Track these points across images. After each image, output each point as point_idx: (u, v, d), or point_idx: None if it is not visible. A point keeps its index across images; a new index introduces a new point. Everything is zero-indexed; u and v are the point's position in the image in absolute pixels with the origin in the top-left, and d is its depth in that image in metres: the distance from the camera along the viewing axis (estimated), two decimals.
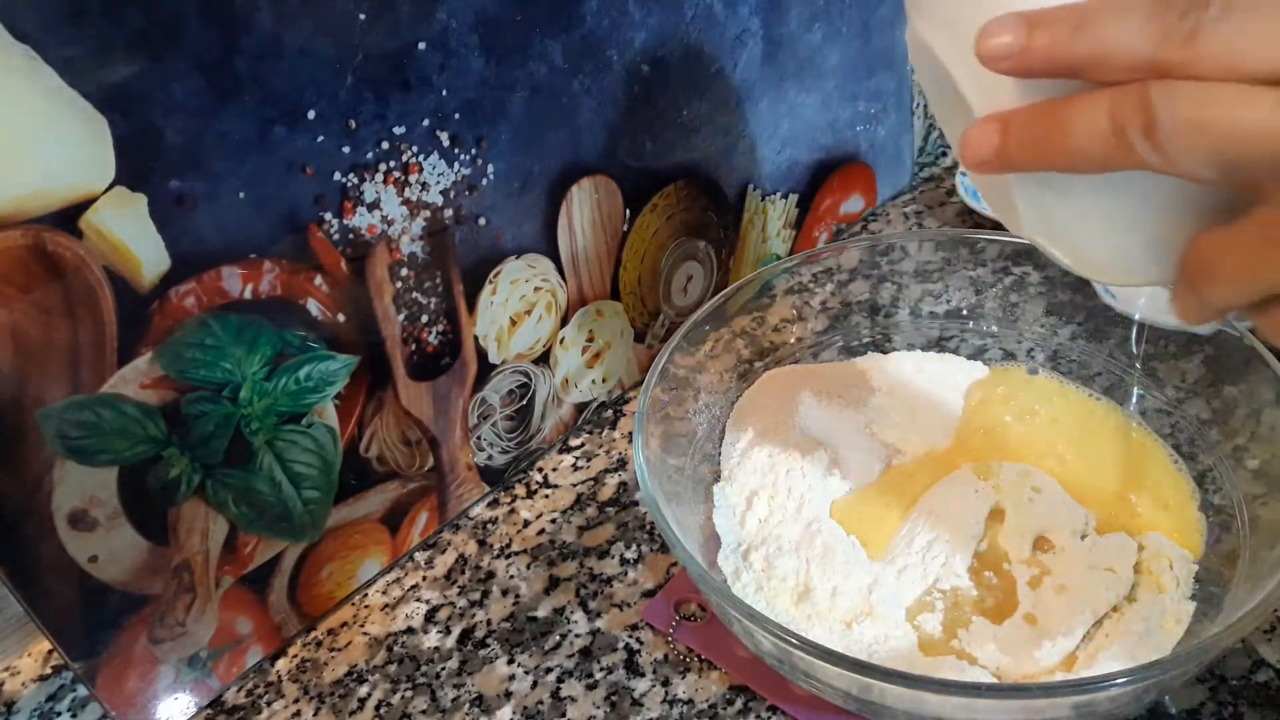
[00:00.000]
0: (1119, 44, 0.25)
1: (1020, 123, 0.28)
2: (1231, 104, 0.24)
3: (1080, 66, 0.26)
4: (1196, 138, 0.25)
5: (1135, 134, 0.25)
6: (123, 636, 0.46)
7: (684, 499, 0.50)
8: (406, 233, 0.49)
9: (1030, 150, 0.28)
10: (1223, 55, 0.24)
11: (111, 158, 0.39)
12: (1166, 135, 0.25)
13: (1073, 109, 0.27)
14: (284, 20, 0.41)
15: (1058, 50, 0.26)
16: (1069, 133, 0.27)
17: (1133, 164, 0.26)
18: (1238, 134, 0.24)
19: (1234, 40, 0.24)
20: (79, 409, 0.41)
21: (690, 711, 0.47)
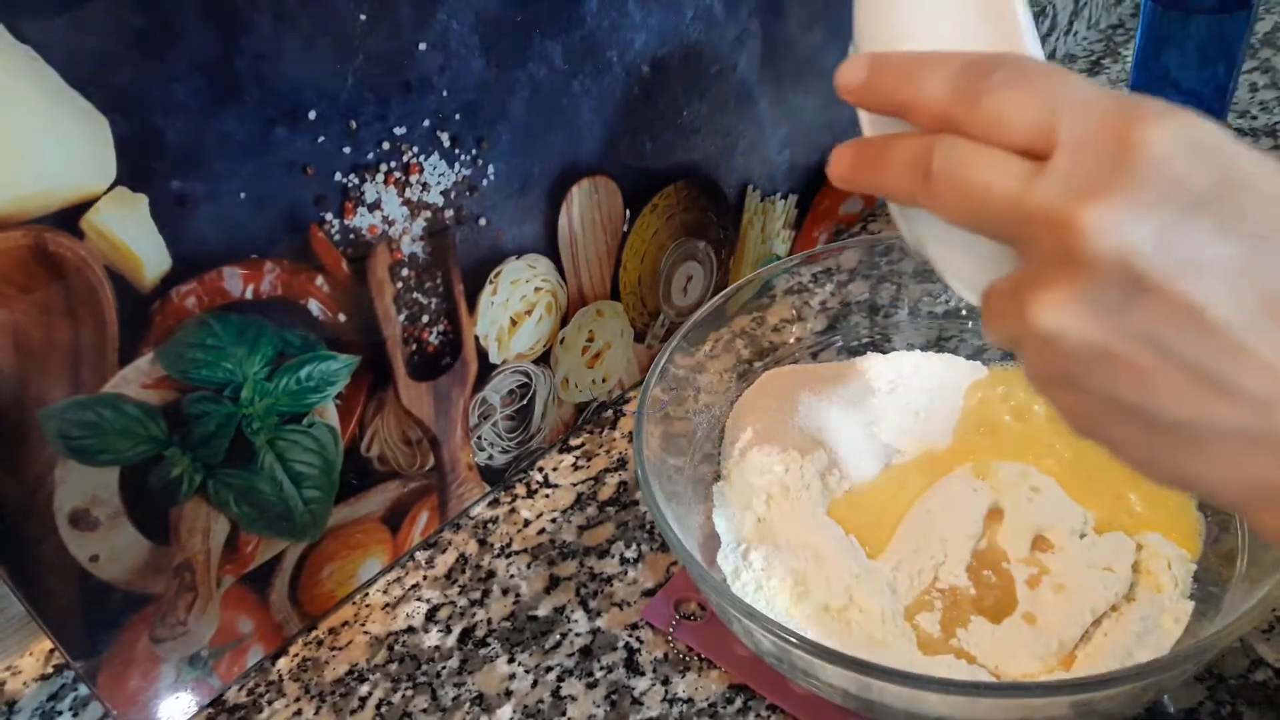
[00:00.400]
0: (927, 95, 0.29)
1: (859, 150, 0.32)
2: (984, 165, 0.28)
3: (900, 109, 0.30)
4: (954, 189, 0.28)
5: (919, 175, 0.29)
6: (124, 636, 0.46)
7: (684, 499, 0.51)
8: (407, 233, 0.49)
9: (863, 175, 0.32)
10: (992, 119, 0.28)
11: (112, 158, 0.39)
12: (934, 182, 0.29)
13: (892, 144, 0.31)
14: (284, 21, 0.41)
15: (885, 92, 0.30)
16: (884, 163, 0.31)
17: (917, 202, 0.30)
18: (978, 193, 0.28)
19: (1004, 107, 0.27)
20: (80, 409, 0.41)
21: (690, 710, 0.47)
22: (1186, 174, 0.25)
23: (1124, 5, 1.05)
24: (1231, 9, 0.71)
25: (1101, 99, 0.27)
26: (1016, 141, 0.27)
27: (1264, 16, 0.99)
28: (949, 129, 0.29)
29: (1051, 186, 0.26)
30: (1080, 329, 0.26)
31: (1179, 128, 0.26)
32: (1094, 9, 1.00)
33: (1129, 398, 0.27)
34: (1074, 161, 0.26)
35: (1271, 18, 0.99)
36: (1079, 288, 0.26)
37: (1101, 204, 0.25)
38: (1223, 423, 0.26)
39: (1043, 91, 0.27)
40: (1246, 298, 0.25)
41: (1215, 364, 0.25)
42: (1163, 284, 0.25)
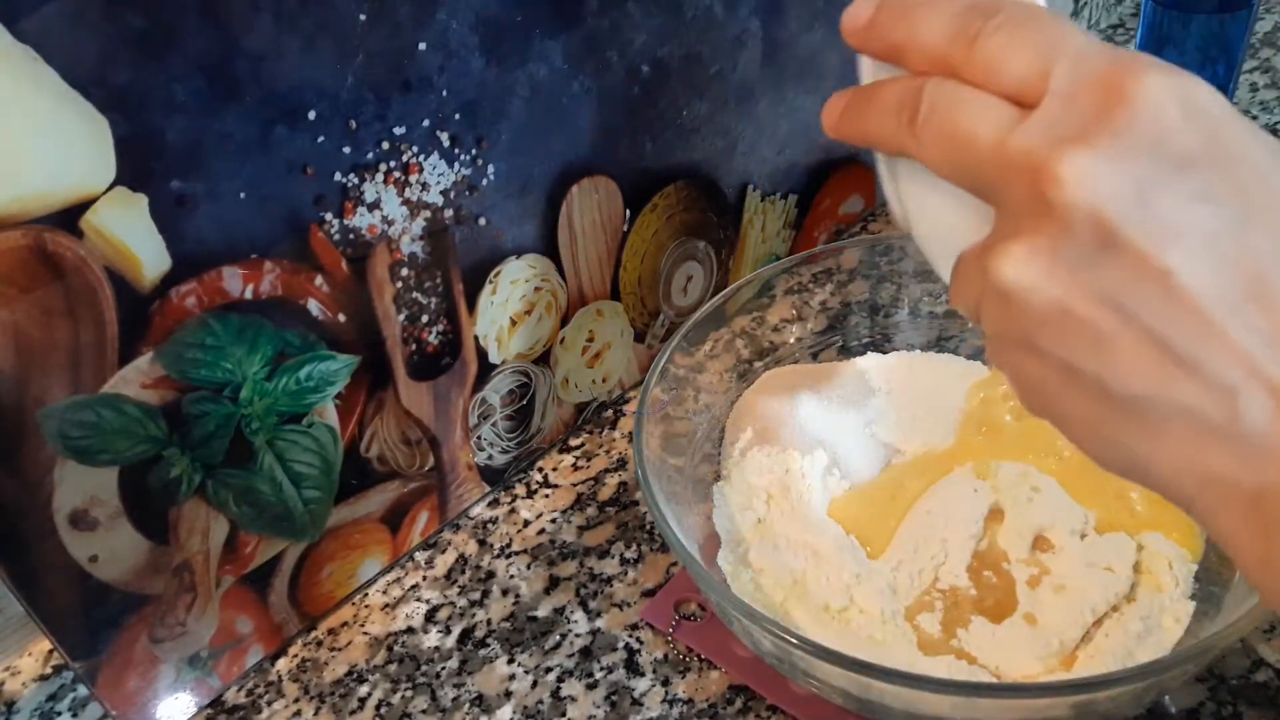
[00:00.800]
0: (924, 35, 0.28)
1: (852, 97, 0.31)
2: (972, 110, 0.26)
3: (897, 50, 0.29)
4: (939, 134, 0.27)
5: (905, 120, 0.28)
6: (123, 636, 0.46)
7: (684, 499, 0.51)
8: (407, 233, 0.49)
9: (851, 122, 0.31)
10: (989, 63, 0.26)
11: (112, 158, 0.39)
12: (921, 126, 0.27)
13: (881, 89, 0.29)
14: (284, 20, 0.41)
15: (884, 31, 0.29)
16: (872, 109, 0.29)
17: (903, 147, 0.29)
18: (963, 138, 0.26)
19: (1000, 52, 0.26)
20: (80, 409, 0.41)
21: (690, 711, 0.47)
22: (1176, 131, 0.24)
23: (1124, 5, 1.05)
24: (1232, 9, 0.71)
25: (1100, 50, 0.25)
26: (1009, 88, 0.26)
27: (1264, 16, 0.99)
28: (943, 73, 0.27)
29: (1034, 132, 0.25)
30: (1042, 284, 0.25)
31: (1174, 84, 0.24)
32: (1094, 9, 1.00)
33: (1086, 365, 0.25)
34: (1061, 109, 0.25)
35: (1271, 18, 0.99)
36: (1046, 239, 0.25)
37: (1081, 151, 0.24)
38: (1182, 402, 0.24)
39: (1041, 39, 0.26)
40: (1223, 271, 0.23)
41: (1181, 337, 0.24)
42: (1135, 243, 0.24)
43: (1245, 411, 0.24)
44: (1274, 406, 0.23)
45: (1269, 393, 0.23)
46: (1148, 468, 0.26)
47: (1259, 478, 0.24)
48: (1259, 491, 0.24)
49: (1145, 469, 0.26)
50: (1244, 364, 0.23)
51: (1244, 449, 0.24)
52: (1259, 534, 0.24)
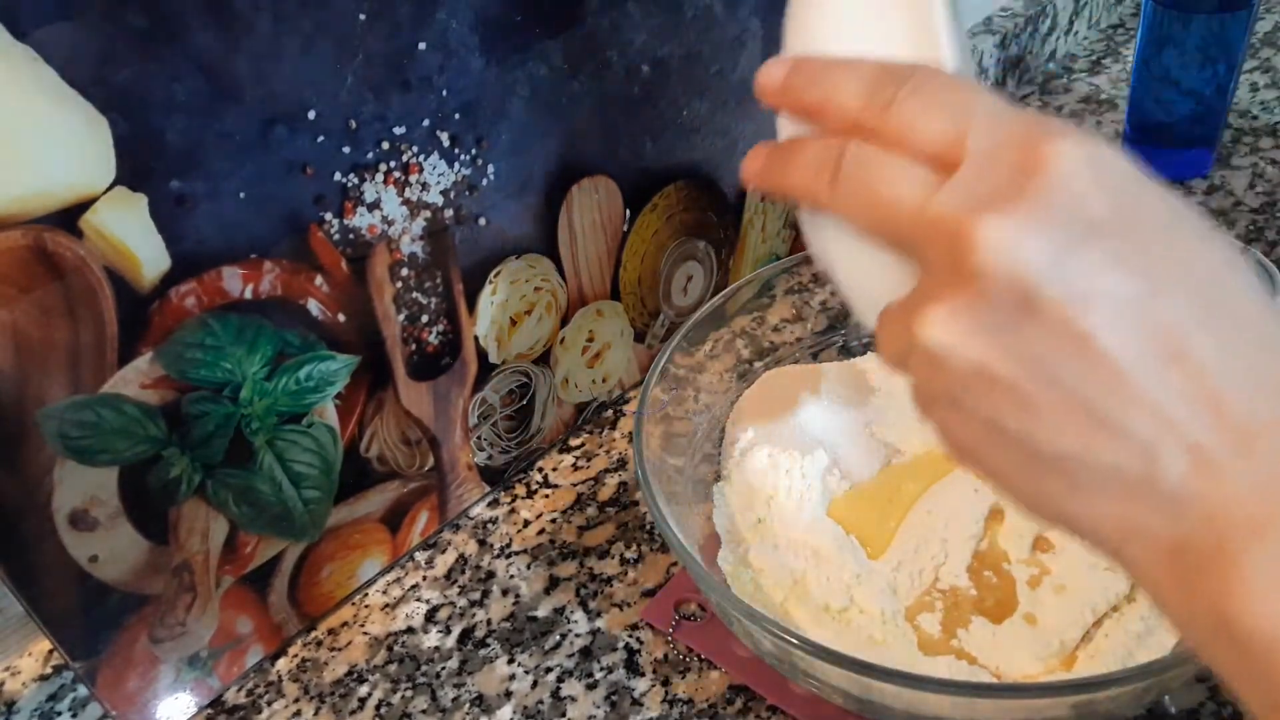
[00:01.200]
0: (838, 99, 0.29)
1: (771, 152, 0.32)
2: (890, 172, 0.27)
3: (813, 111, 0.30)
4: (859, 194, 0.28)
5: (825, 180, 0.29)
6: (123, 636, 0.46)
7: (684, 499, 0.51)
8: (407, 233, 0.49)
9: (772, 177, 0.32)
10: (903, 127, 0.27)
11: (112, 158, 0.39)
12: (840, 188, 0.28)
13: (801, 147, 0.30)
14: (284, 21, 0.41)
15: (799, 93, 0.30)
16: (793, 166, 0.30)
17: (823, 205, 0.30)
18: (882, 200, 0.27)
19: (915, 117, 0.27)
20: (79, 409, 0.41)
21: (690, 711, 0.47)
22: (1089, 197, 0.24)
23: (1124, 4, 1.05)
24: (1232, 8, 0.71)
25: (1013, 115, 0.26)
26: (926, 150, 0.27)
27: (1264, 16, 0.99)
28: (861, 135, 0.28)
29: (953, 197, 0.26)
30: (965, 345, 0.26)
31: (1086, 150, 0.25)
32: (1094, 8, 1.00)
33: (1011, 424, 0.26)
34: (978, 173, 0.25)
35: (1272, 18, 0.99)
36: (967, 302, 0.25)
37: (999, 217, 0.25)
38: (1104, 459, 0.25)
39: (954, 103, 0.27)
40: (1138, 334, 0.24)
41: (1100, 398, 0.24)
42: (1053, 308, 0.24)
43: (1165, 468, 0.24)
44: (1191, 462, 0.24)
45: (1186, 450, 0.24)
46: (1074, 519, 0.27)
47: (1178, 530, 0.25)
48: (1179, 543, 0.25)
49: (1072, 520, 0.27)
50: (1163, 423, 0.24)
51: (1164, 503, 0.25)
52: (1179, 583, 0.25)
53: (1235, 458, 0.24)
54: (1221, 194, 0.77)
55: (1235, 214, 0.75)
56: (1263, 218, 0.74)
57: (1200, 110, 0.76)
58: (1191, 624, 0.25)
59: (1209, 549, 0.24)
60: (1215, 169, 0.80)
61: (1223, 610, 0.24)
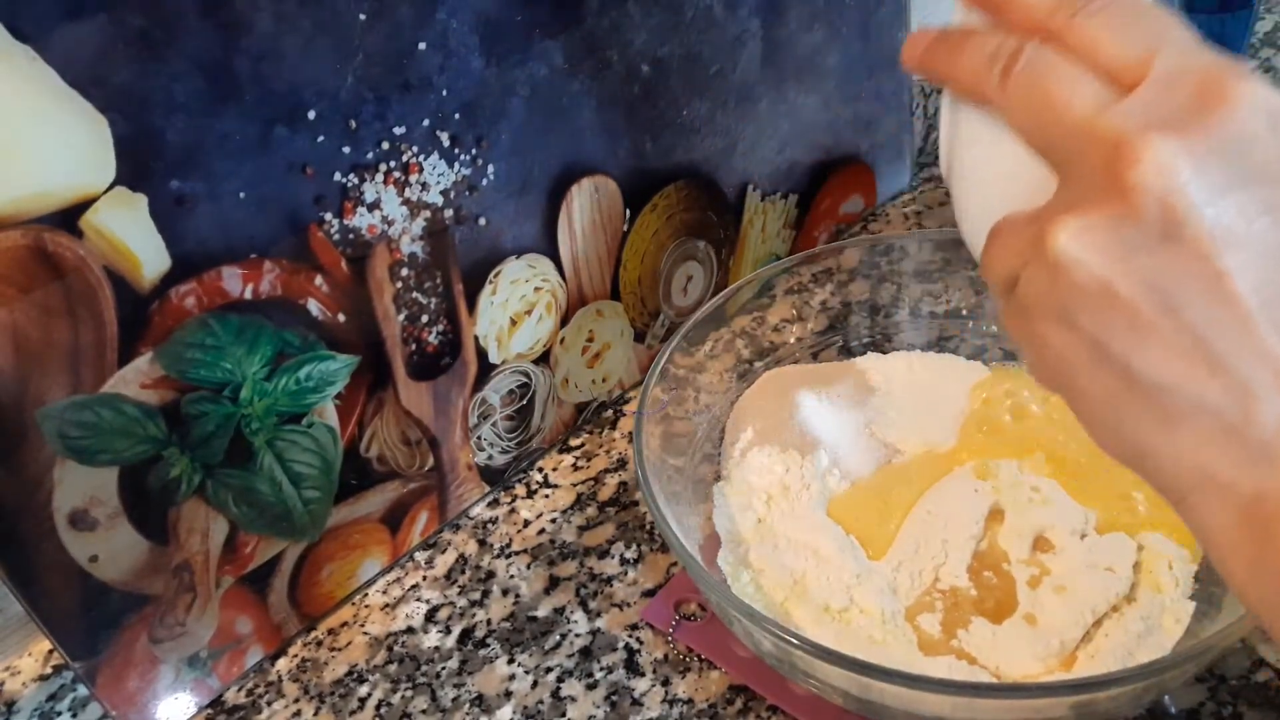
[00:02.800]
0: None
1: (945, 36, 0.31)
2: (1070, 80, 0.27)
3: (998, 5, 0.29)
4: (1030, 94, 0.28)
5: (996, 72, 0.28)
6: (123, 636, 0.46)
7: (684, 499, 0.50)
8: (407, 233, 0.49)
9: (937, 59, 0.31)
10: (1091, 38, 0.27)
11: (112, 158, 0.39)
12: (1013, 84, 0.28)
13: (977, 37, 0.30)
14: (284, 20, 0.41)
15: None
16: (964, 53, 0.30)
17: (986, 98, 0.29)
18: (1054, 104, 0.27)
19: (1103, 30, 0.27)
20: (79, 409, 0.41)
21: (690, 711, 0.47)
22: (1261, 141, 0.25)
23: None
24: (1232, 8, 0.71)
25: (1204, 49, 0.26)
26: (1110, 66, 0.27)
27: (1264, 16, 0.99)
28: (1043, 38, 0.28)
29: (1128, 114, 0.25)
30: (1097, 259, 0.25)
31: (1270, 96, 0.25)
32: None
33: (1118, 347, 0.26)
34: (1158, 95, 0.25)
35: (1272, 17, 0.99)
36: (1110, 217, 0.25)
37: (1169, 139, 0.25)
38: (1203, 397, 0.25)
39: (1147, 25, 0.27)
40: (1272, 282, 0.24)
41: (1218, 336, 0.25)
42: (1197, 239, 0.24)
43: (1260, 415, 0.24)
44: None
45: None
46: (1152, 456, 0.26)
47: (1259, 483, 0.25)
48: (1257, 495, 0.25)
49: (1148, 456, 0.27)
50: (1270, 368, 0.24)
51: (1251, 452, 0.25)
52: (1250, 538, 0.25)
53: None
54: None
55: None
56: None
57: None
58: (1258, 580, 0.25)
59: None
60: None
61: None
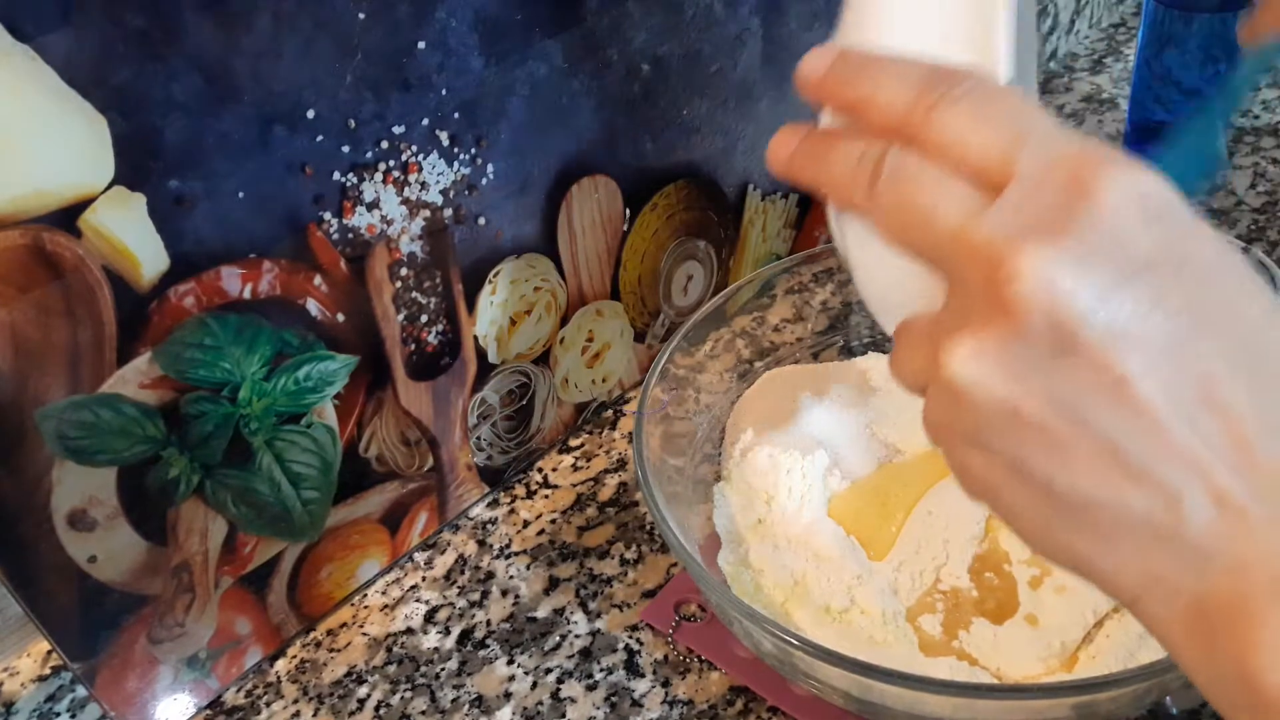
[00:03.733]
0: (884, 98, 0.27)
1: (810, 140, 0.30)
2: (933, 186, 0.26)
3: (856, 107, 0.28)
4: (897, 205, 0.27)
5: (863, 182, 0.27)
6: (122, 637, 0.46)
7: (684, 499, 0.50)
8: (406, 232, 0.49)
9: (804, 168, 0.30)
10: (950, 138, 0.26)
11: (111, 157, 0.39)
12: (879, 195, 0.27)
13: (840, 143, 0.29)
14: (283, 20, 0.41)
15: (841, 87, 0.29)
16: (831, 159, 0.29)
17: (858, 209, 0.28)
18: (922, 214, 0.26)
19: (962, 129, 0.26)
20: (78, 409, 0.41)
21: (690, 712, 0.47)
22: (1136, 233, 0.23)
23: (1126, 4, 1.05)
24: (1234, 8, 0.71)
25: (1066, 138, 0.25)
26: (972, 165, 0.25)
27: None
28: (903, 139, 0.27)
29: (997, 222, 0.24)
30: (996, 383, 0.24)
31: (1137, 183, 0.24)
32: (1096, 8, 1.00)
33: (1037, 466, 0.25)
34: (1025, 198, 0.24)
35: None
36: (1001, 336, 0.24)
37: (1043, 248, 0.23)
38: (1130, 505, 0.24)
39: (1006, 118, 0.25)
40: (1178, 379, 0.23)
41: (1132, 444, 0.24)
42: (1091, 349, 0.23)
43: (1192, 517, 0.24)
44: (1219, 513, 0.23)
45: (1213, 496, 0.23)
46: (1093, 566, 0.26)
47: (1201, 583, 0.24)
48: (1202, 597, 0.24)
49: (1090, 567, 0.26)
50: (1194, 471, 0.23)
51: (1189, 554, 0.24)
52: (1200, 639, 0.24)
53: (1264, 509, 0.23)
54: (1222, 193, 0.77)
55: (1236, 214, 0.75)
56: (1264, 217, 0.74)
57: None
58: (1211, 681, 0.24)
59: (1233, 604, 0.23)
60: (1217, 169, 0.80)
61: (1245, 669, 0.23)
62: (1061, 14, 0.95)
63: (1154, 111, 0.77)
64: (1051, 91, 0.93)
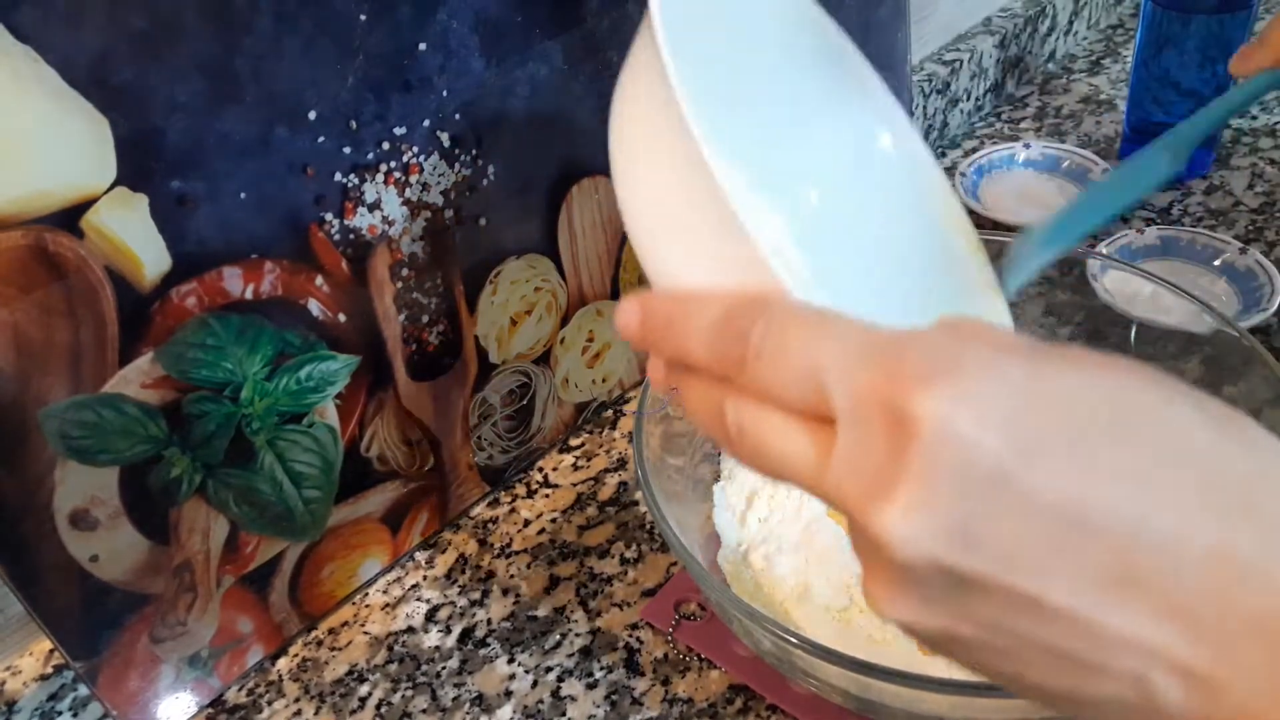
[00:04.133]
0: (695, 358, 0.28)
1: (670, 366, 0.30)
2: (774, 435, 0.26)
3: (680, 363, 0.29)
4: (755, 459, 0.27)
5: (719, 432, 0.27)
6: (124, 636, 0.46)
7: (684, 499, 0.51)
8: (407, 233, 0.49)
9: (676, 396, 0.30)
10: (764, 391, 0.26)
11: (113, 158, 0.39)
12: (735, 444, 0.27)
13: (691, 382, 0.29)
14: (284, 21, 0.41)
15: (657, 342, 0.29)
16: (689, 402, 0.29)
17: (720, 446, 0.29)
18: (776, 463, 0.26)
19: (769, 381, 0.25)
20: (80, 409, 0.41)
21: (690, 710, 0.47)
22: (974, 447, 0.22)
23: (1124, 5, 1.05)
24: (1232, 9, 0.71)
25: (865, 357, 0.24)
26: (795, 409, 0.25)
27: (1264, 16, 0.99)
28: (731, 387, 0.27)
29: (841, 479, 0.24)
30: (922, 619, 0.24)
31: (953, 394, 0.22)
32: (1094, 9, 1.00)
33: (1001, 669, 0.24)
34: (855, 450, 0.23)
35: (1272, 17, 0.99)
36: (902, 584, 0.24)
37: (891, 508, 0.23)
38: (1101, 695, 0.23)
39: (803, 357, 0.25)
40: (1078, 577, 0.22)
41: (1075, 646, 0.23)
42: (984, 580, 0.22)
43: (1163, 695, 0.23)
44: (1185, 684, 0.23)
45: (1176, 674, 0.22)
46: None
47: None
48: None
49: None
50: (1144, 653, 0.22)
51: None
52: None
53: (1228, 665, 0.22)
54: (1221, 194, 0.77)
55: (1235, 214, 0.75)
56: (1262, 218, 0.74)
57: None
58: None
59: None
60: (1215, 169, 0.80)
61: None
62: (1060, 15, 0.95)
63: (1152, 112, 0.78)
64: (1050, 92, 0.93)
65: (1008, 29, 0.89)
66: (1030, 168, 0.82)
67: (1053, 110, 0.91)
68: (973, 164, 0.81)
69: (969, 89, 0.88)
